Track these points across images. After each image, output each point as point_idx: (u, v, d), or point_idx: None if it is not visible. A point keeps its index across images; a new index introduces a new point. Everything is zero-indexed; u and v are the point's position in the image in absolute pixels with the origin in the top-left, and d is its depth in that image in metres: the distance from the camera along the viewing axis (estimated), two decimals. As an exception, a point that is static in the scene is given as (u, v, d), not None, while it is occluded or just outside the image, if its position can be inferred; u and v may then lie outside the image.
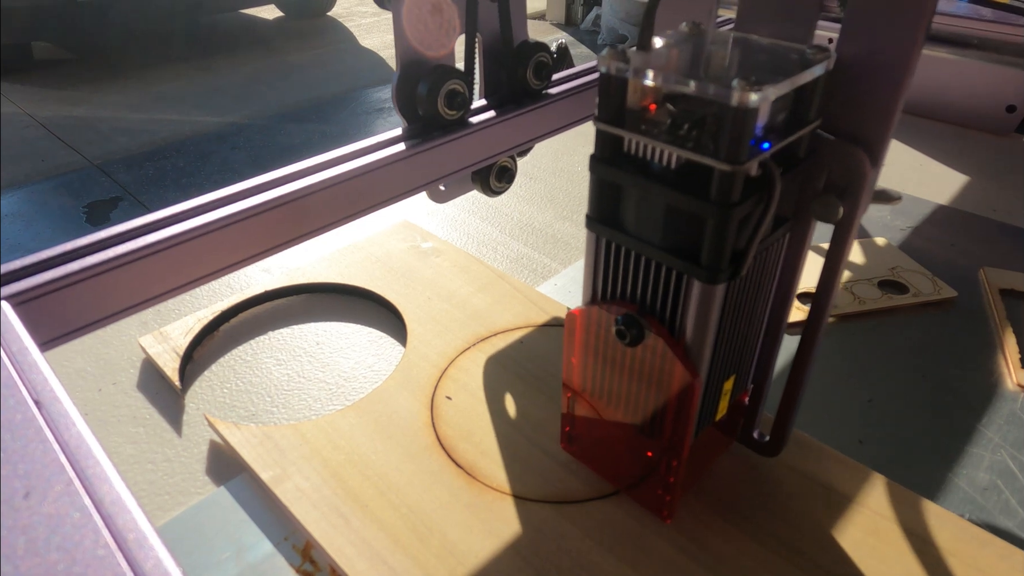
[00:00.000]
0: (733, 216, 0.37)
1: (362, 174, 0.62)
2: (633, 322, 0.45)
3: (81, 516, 0.28)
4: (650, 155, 0.40)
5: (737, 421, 0.57)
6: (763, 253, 0.44)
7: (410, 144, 0.65)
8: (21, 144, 1.63)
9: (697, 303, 0.41)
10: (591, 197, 0.44)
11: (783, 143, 0.38)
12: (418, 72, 0.66)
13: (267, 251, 0.59)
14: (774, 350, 0.52)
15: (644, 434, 0.49)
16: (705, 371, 0.44)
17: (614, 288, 0.46)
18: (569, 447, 0.59)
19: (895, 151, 1.29)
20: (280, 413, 0.68)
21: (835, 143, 0.42)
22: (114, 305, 0.53)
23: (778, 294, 0.50)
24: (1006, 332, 0.79)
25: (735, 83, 0.33)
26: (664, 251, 0.41)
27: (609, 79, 0.39)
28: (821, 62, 0.38)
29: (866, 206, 0.44)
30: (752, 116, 0.34)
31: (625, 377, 0.48)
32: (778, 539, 0.52)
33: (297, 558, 0.54)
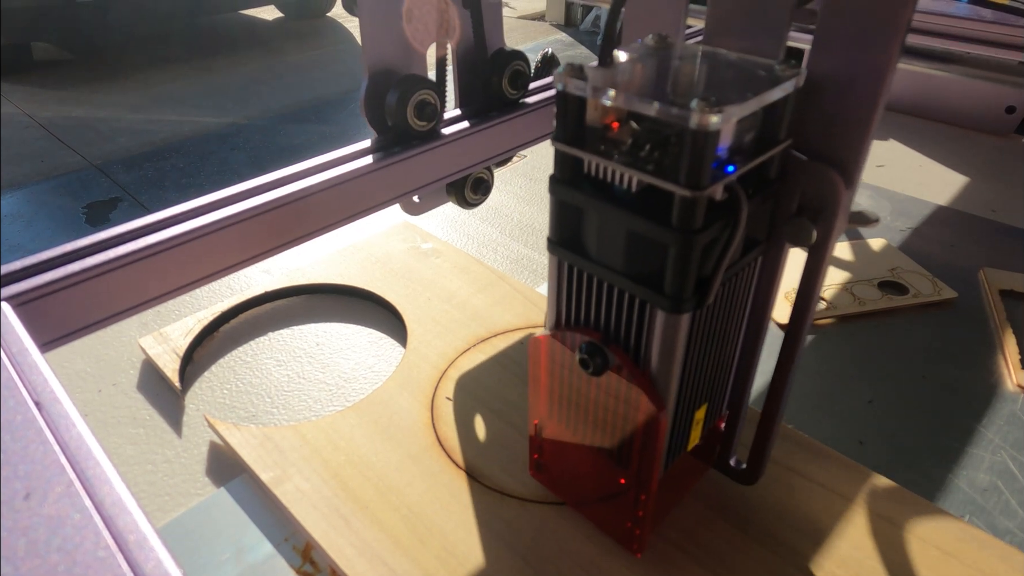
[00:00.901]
0: (696, 243, 0.35)
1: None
2: (597, 351, 0.43)
3: (82, 517, 0.28)
4: (611, 177, 0.38)
5: (714, 447, 0.55)
6: (733, 278, 0.42)
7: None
8: (20, 144, 1.63)
9: (662, 333, 0.39)
10: (551, 219, 0.42)
11: (750, 165, 0.36)
12: (387, 81, 0.64)
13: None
14: (750, 375, 0.50)
15: (613, 465, 0.47)
16: (673, 402, 0.42)
17: (577, 314, 0.44)
18: (538, 475, 0.56)
19: (895, 152, 1.29)
20: (280, 414, 0.68)
21: (807, 164, 0.40)
22: (114, 306, 0.53)
23: (752, 318, 0.47)
24: (1006, 333, 0.79)
25: (694, 104, 0.31)
26: (626, 278, 0.39)
27: (566, 97, 0.37)
28: (790, 79, 0.36)
29: (841, 229, 0.41)
30: (713, 139, 0.32)
31: (591, 406, 0.46)
32: (778, 540, 0.52)
33: (297, 559, 0.54)
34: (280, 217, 0.58)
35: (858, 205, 1.09)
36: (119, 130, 1.71)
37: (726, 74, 0.38)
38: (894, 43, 0.36)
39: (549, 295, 0.45)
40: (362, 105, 0.64)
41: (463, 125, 0.69)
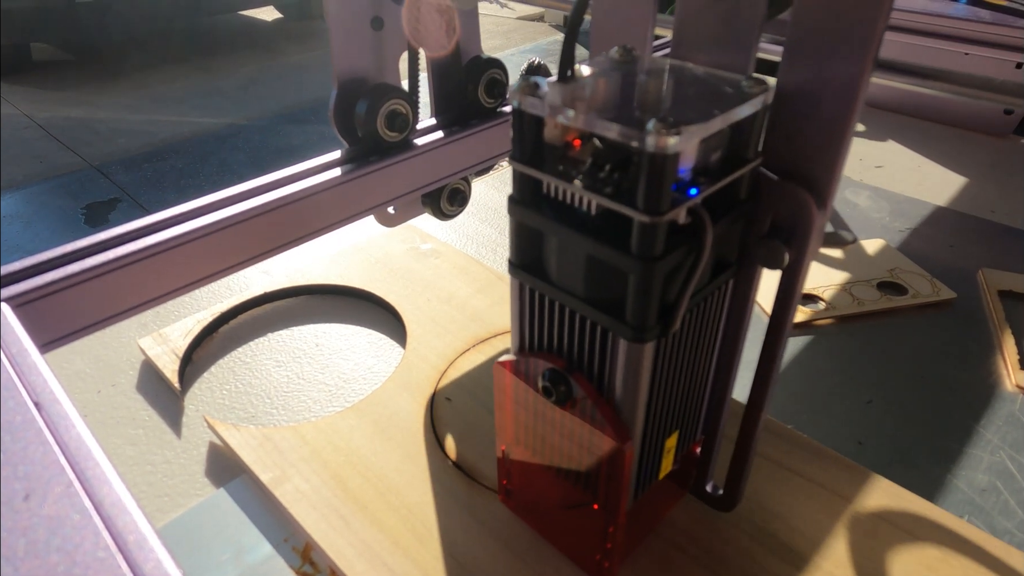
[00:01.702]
0: (656, 271, 0.33)
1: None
2: (560, 379, 0.41)
3: (81, 518, 0.28)
4: (570, 199, 0.36)
5: (690, 472, 0.54)
6: (703, 303, 0.40)
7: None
8: (20, 145, 1.63)
9: (625, 362, 0.37)
10: (511, 240, 0.40)
11: (715, 187, 0.35)
12: (358, 90, 0.62)
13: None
14: (724, 400, 0.48)
15: (580, 494, 0.46)
16: (639, 432, 0.41)
17: (541, 339, 0.42)
18: (507, 501, 0.54)
19: (893, 152, 1.29)
20: (280, 415, 0.68)
21: (778, 183, 0.38)
22: (113, 307, 0.53)
23: (725, 342, 0.46)
24: (1005, 333, 0.79)
25: (651, 125, 0.30)
26: (587, 304, 0.37)
27: (522, 116, 0.35)
28: (758, 96, 0.35)
29: (815, 251, 0.39)
30: (671, 162, 0.31)
31: (556, 434, 0.44)
32: (777, 540, 0.52)
33: (297, 560, 0.54)
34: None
35: (848, 217, 1.09)
36: (118, 131, 1.71)
37: (691, 90, 0.36)
38: (866, 56, 0.34)
39: (512, 319, 0.43)
40: (331, 115, 0.62)
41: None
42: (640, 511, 0.49)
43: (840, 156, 0.37)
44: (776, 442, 0.60)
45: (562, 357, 0.42)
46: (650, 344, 0.37)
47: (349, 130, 0.63)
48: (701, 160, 0.35)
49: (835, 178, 0.37)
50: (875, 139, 1.34)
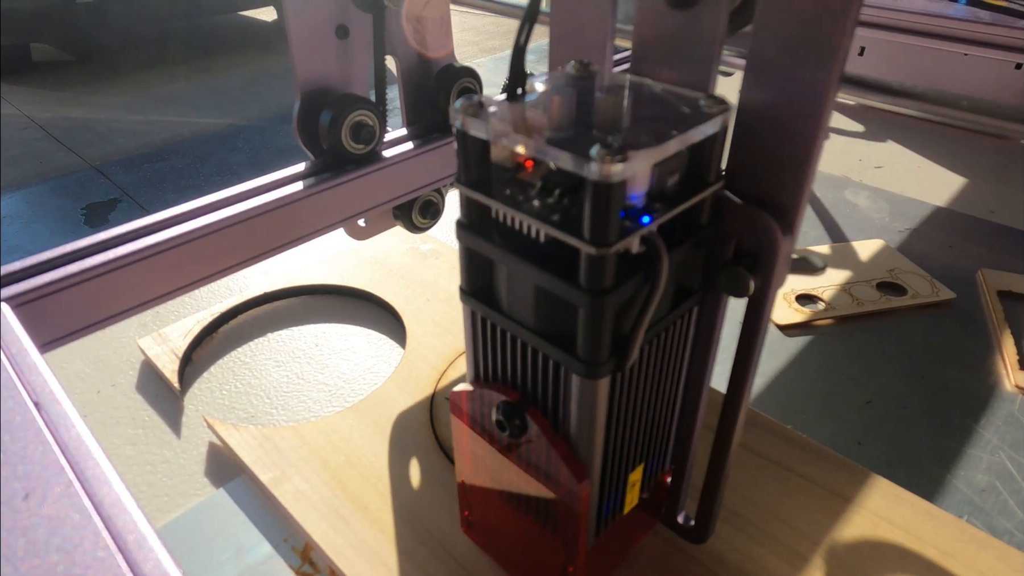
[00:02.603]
0: (607, 304, 0.31)
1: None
2: (514, 413, 0.39)
3: (81, 517, 0.28)
4: (518, 225, 0.33)
5: (663, 502, 0.51)
6: (664, 333, 0.38)
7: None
8: (19, 146, 1.63)
9: (579, 398, 0.35)
10: (461, 266, 0.38)
11: (670, 214, 0.32)
12: (321, 101, 0.60)
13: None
14: (693, 430, 0.46)
15: (540, 530, 0.43)
16: (598, 469, 0.38)
17: (494, 370, 0.40)
18: (469, 532, 0.52)
19: (893, 153, 1.29)
20: (279, 415, 0.68)
21: (742, 208, 0.36)
22: (113, 307, 0.53)
23: (692, 370, 0.43)
24: (1004, 334, 0.79)
25: (595, 152, 0.27)
26: (539, 337, 0.35)
27: (465, 137, 0.32)
28: (716, 116, 0.32)
29: (782, 278, 0.37)
30: (617, 191, 0.28)
31: (513, 470, 0.42)
32: (777, 540, 0.52)
33: (296, 560, 0.54)
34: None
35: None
36: (118, 131, 1.71)
37: (647, 109, 0.34)
38: (831, 73, 0.32)
39: (466, 347, 0.42)
40: (295, 127, 0.61)
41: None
42: (607, 544, 0.47)
43: (806, 179, 0.35)
44: (776, 442, 0.60)
45: (517, 389, 0.39)
46: (604, 380, 0.34)
47: (314, 142, 0.61)
48: (656, 185, 0.32)
49: (802, 202, 0.35)
50: (875, 140, 1.34)
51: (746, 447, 0.60)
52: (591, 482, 0.38)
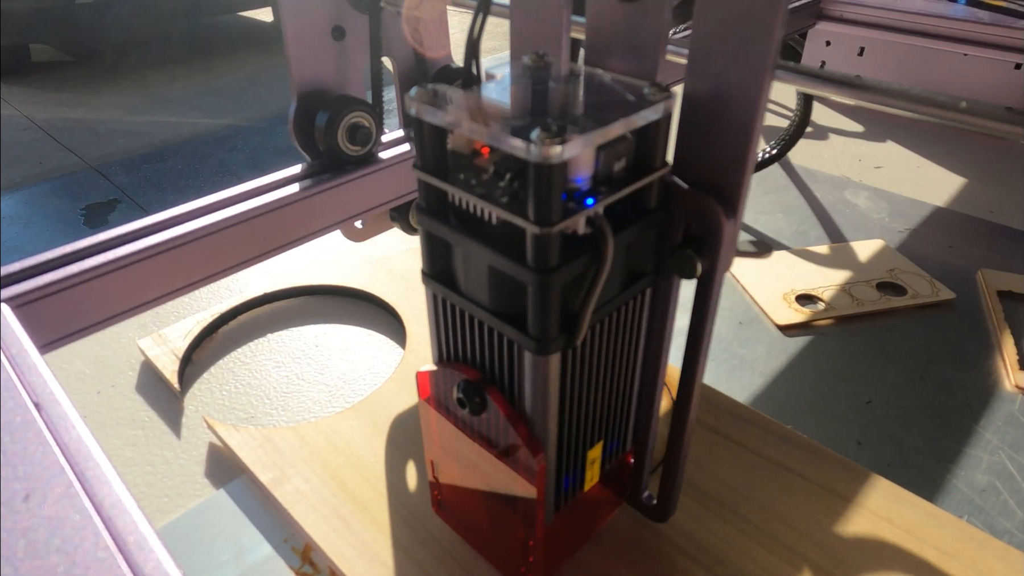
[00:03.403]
0: (553, 282, 0.33)
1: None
2: (473, 390, 0.40)
3: (81, 518, 0.28)
4: (473, 209, 0.35)
5: (627, 481, 0.53)
6: (616, 313, 0.40)
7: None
8: (19, 146, 1.63)
9: (532, 374, 0.37)
10: (422, 250, 0.39)
11: (614, 197, 0.34)
12: (317, 102, 0.60)
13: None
14: (652, 410, 0.47)
15: (503, 507, 0.45)
16: (553, 444, 0.40)
17: (456, 350, 0.42)
18: (440, 513, 0.54)
19: (893, 153, 1.29)
20: (279, 415, 0.68)
21: (688, 193, 0.38)
22: (113, 308, 0.53)
23: (648, 351, 0.45)
24: (1004, 334, 0.79)
25: (535, 135, 0.29)
26: (494, 316, 0.37)
27: (421, 124, 0.34)
28: (659, 103, 0.34)
29: (728, 261, 0.39)
30: (558, 172, 0.30)
31: (475, 447, 0.43)
32: (777, 541, 0.52)
33: (296, 560, 0.54)
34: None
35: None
36: (117, 132, 1.71)
37: (595, 97, 0.35)
38: (765, 64, 0.33)
39: (429, 328, 0.43)
40: (291, 128, 0.60)
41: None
42: (571, 521, 0.48)
43: (746, 164, 0.36)
44: (776, 442, 0.61)
45: (477, 368, 0.41)
46: (555, 356, 0.36)
47: (310, 143, 0.61)
48: (603, 169, 0.34)
49: (743, 186, 0.37)
50: (874, 140, 1.34)
51: (746, 447, 0.60)
52: (547, 457, 0.40)
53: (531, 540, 0.44)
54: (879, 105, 0.45)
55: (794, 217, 1.05)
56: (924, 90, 0.43)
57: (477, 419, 0.42)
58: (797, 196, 1.12)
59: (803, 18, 1.37)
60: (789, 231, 1.01)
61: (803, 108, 1.06)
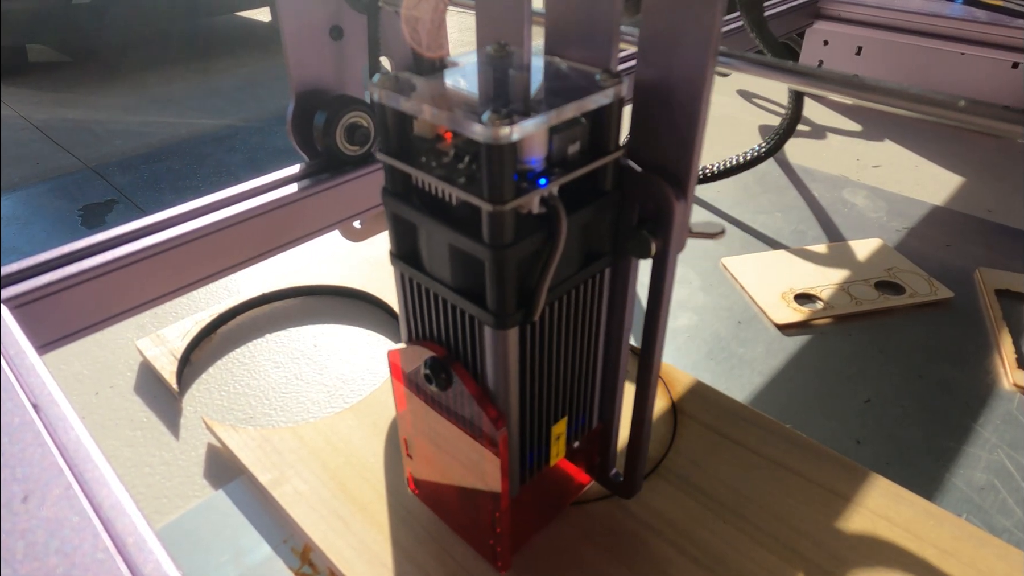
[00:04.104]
0: (507, 258, 0.34)
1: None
2: (440, 367, 0.42)
3: (80, 520, 0.28)
4: (434, 190, 0.37)
5: (595, 458, 0.54)
6: (575, 292, 0.41)
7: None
8: (16, 147, 1.63)
9: (492, 349, 0.38)
10: (390, 231, 0.41)
11: (566, 178, 0.36)
12: (316, 102, 0.59)
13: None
14: (617, 388, 0.49)
15: (470, 481, 0.46)
16: (515, 417, 0.42)
17: (423, 328, 0.44)
18: (416, 490, 0.55)
19: (891, 152, 1.29)
20: (278, 416, 0.68)
21: (641, 175, 0.40)
22: (111, 308, 0.53)
23: (610, 331, 0.46)
24: (1002, 333, 0.79)
25: (486, 117, 0.31)
26: (455, 293, 0.39)
27: (383, 108, 0.36)
28: (608, 89, 0.36)
29: (681, 241, 0.41)
30: (508, 152, 0.31)
31: (443, 422, 0.45)
32: (776, 540, 0.52)
33: (296, 561, 0.54)
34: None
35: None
36: (115, 132, 1.71)
37: (553, 84, 0.37)
38: (708, 52, 0.35)
39: (398, 307, 0.45)
40: (289, 128, 0.60)
41: None
42: (539, 496, 0.50)
43: (695, 147, 0.38)
44: (775, 441, 0.61)
45: (443, 346, 0.43)
46: (513, 330, 0.38)
47: (308, 143, 0.61)
48: (557, 152, 0.36)
49: (692, 169, 0.39)
50: (872, 139, 1.34)
51: (745, 446, 0.60)
52: (510, 429, 0.42)
53: (497, 512, 0.46)
54: (877, 104, 0.45)
55: (792, 216, 1.06)
56: (922, 89, 0.44)
57: (444, 394, 0.43)
58: (795, 195, 1.12)
59: (801, 17, 1.38)
60: (787, 230, 1.02)
61: (794, 105, 1.06)
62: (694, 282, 0.89)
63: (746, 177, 1.18)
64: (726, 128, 1.40)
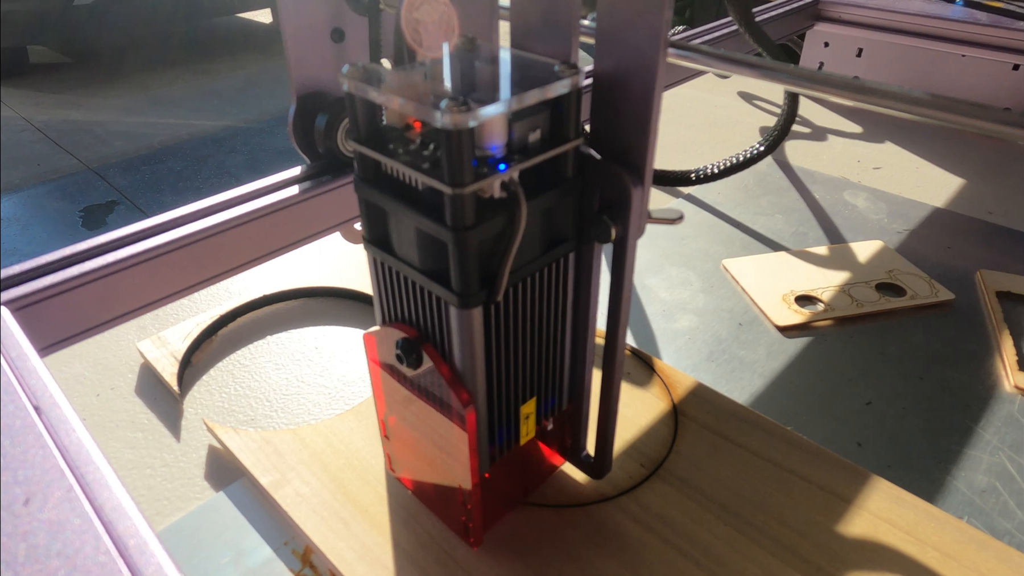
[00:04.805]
0: (469, 239, 0.36)
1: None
2: (410, 347, 0.44)
3: (82, 522, 0.28)
4: (402, 177, 0.39)
5: (567, 439, 0.56)
6: (539, 274, 0.43)
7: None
8: (17, 148, 1.63)
9: (458, 328, 0.40)
10: (362, 218, 0.43)
11: (525, 164, 0.37)
12: (317, 104, 0.60)
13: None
14: (585, 370, 0.50)
15: (441, 459, 0.48)
16: (483, 396, 0.43)
17: (395, 311, 0.45)
18: (394, 471, 0.57)
19: (891, 153, 1.29)
20: (279, 417, 0.68)
21: (601, 163, 0.41)
22: (112, 310, 0.53)
23: (577, 314, 0.48)
24: (1003, 334, 0.79)
25: (444, 104, 0.33)
26: (423, 275, 0.40)
27: (352, 98, 0.38)
28: (565, 79, 0.37)
29: (640, 226, 0.43)
30: (466, 137, 0.33)
31: (415, 402, 0.47)
32: (778, 543, 0.52)
33: (297, 563, 0.54)
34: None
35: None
36: (116, 133, 1.71)
37: (516, 75, 0.39)
38: (658, 43, 0.37)
39: (372, 291, 0.47)
40: (290, 130, 0.60)
41: None
42: (511, 476, 0.52)
43: (649, 135, 0.40)
44: (776, 444, 0.61)
45: (413, 326, 0.44)
46: (477, 310, 0.39)
47: (309, 145, 0.61)
48: (518, 139, 0.38)
49: (648, 156, 0.41)
50: (873, 141, 1.35)
51: (746, 448, 0.60)
52: (477, 407, 0.43)
53: (467, 489, 0.47)
54: (878, 107, 0.45)
55: (793, 218, 1.06)
56: (923, 92, 0.44)
57: (416, 374, 0.45)
58: (796, 197, 1.12)
59: (801, 19, 1.38)
60: (788, 232, 1.02)
61: (790, 105, 1.06)
62: (695, 284, 0.89)
63: (747, 179, 1.18)
64: (727, 129, 1.41)
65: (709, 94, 1.59)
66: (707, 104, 1.54)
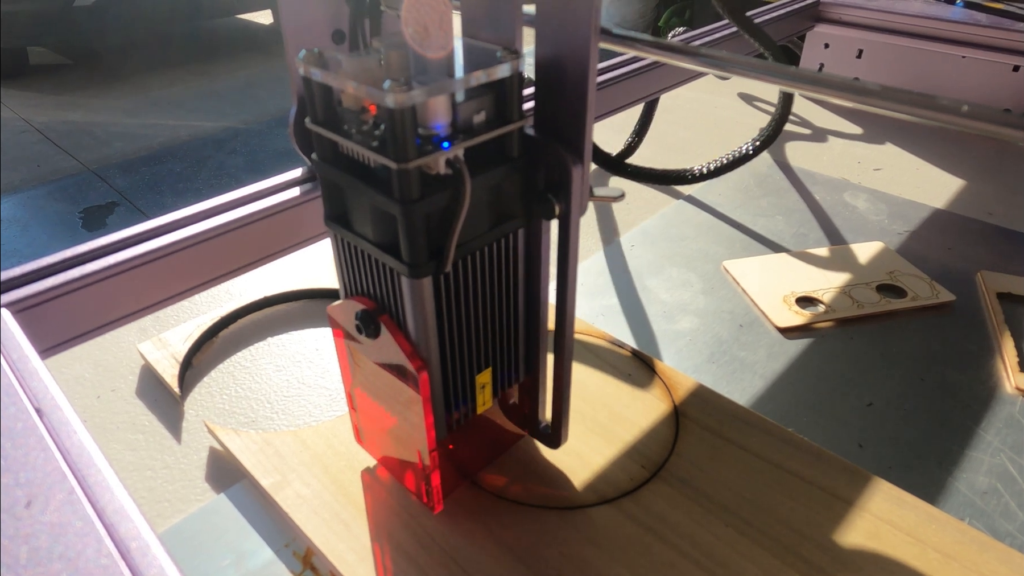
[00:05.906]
0: (415, 212, 0.38)
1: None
2: (368, 318, 0.46)
3: (83, 524, 0.28)
4: (356, 155, 0.41)
5: (527, 412, 0.58)
6: (488, 249, 0.45)
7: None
8: (17, 149, 1.63)
9: (410, 298, 0.42)
10: (323, 196, 0.45)
11: (469, 143, 0.40)
12: None
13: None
14: (540, 345, 0.53)
15: (401, 427, 0.50)
16: (436, 363, 0.46)
17: (355, 284, 0.48)
18: (361, 441, 0.59)
19: (892, 155, 1.29)
20: (280, 419, 0.68)
21: (543, 143, 0.44)
22: (113, 312, 0.53)
23: (528, 290, 0.50)
24: (1004, 336, 0.79)
25: (387, 85, 0.35)
26: (377, 247, 0.42)
27: (309, 82, 0.40)
28: (505, 63, 0.40)
29: (583, 204, 0.45)
30: (408, 115, 0.35)
31: (376, 368, 0.49)
32: (780, 544, 0.52)
33: (298, 565, 0.54)
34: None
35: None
36: (116, 134, 1.71)
37: (463, 60, 0.41)
38: (589, 29, 0.40)
39: (335, 266, 0.49)
40: (291, 132, 0.60)
41: None
42: (471, 444, 0.56)
43: (586, 116, 0.42)
44: (776, 445, 0.61)
45: (372, 298, 0.47)
46: (427, 280, 0.42)
47: (310, 147, 0.62)
48: (463, 119, 0.40)
49: (586, 136, 0.43)
50: (873, 142, 1.35)
51: (747, 450, 0.60)
52: (431, 374, 0.46)
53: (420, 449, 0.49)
54: (878, 109, 0.45)
55: (793, 219, 1.06)
56: (923, 94, 0.44)
57: (375, 344, 0.47)
58: (796, 198, 1.13)
59: (802, 20, 1.38)
60: (789, 233, 1.02)
61: (783, 104, 1.06)
62: (695, 285, 0.89)
63: (747, 180, 1.18)
64: (727, 130, 1.41)
65: (710, 95, 1.59)
66: (708, 105, 1.54)
